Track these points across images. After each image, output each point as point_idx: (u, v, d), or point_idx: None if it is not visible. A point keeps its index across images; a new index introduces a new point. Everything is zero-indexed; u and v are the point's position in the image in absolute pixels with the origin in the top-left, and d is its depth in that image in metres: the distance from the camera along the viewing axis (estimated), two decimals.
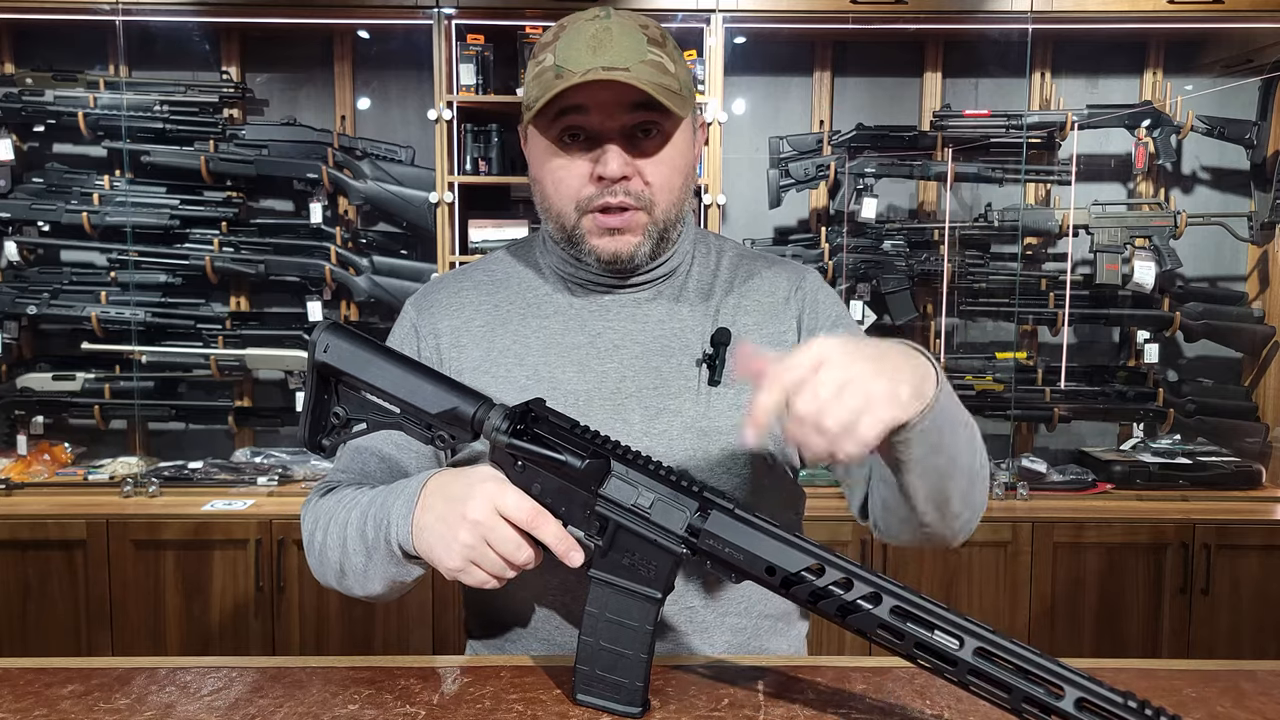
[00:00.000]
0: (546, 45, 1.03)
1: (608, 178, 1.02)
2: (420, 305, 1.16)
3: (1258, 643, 2.52)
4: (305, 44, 2.95)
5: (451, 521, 0.89)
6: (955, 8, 2.67)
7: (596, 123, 1.01)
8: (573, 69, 0.98)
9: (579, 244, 1.07)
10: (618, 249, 1.06)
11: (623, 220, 1.04)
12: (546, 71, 1.00)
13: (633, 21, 1.03)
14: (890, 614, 0.78)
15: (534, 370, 1.09)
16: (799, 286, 1.15)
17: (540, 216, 1.12)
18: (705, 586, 1.09)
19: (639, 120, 1.02)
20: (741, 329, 1.11)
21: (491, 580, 0.90)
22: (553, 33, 1.03)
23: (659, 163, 1.04)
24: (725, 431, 1.08)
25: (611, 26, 1.00)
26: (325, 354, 0.94)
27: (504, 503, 0.87)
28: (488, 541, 0.88)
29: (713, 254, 1.18)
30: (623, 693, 0.86)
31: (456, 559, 0.89)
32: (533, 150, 1.08)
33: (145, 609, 2.51)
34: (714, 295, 1.14)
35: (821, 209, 2.98)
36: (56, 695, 0.91)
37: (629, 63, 0.98)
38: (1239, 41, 2.87)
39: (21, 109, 2.75)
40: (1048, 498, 2.70)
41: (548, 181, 1.06)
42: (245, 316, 2.91)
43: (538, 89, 1.01)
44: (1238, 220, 2.88)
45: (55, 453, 2.85)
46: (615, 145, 1.01)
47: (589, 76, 0.97)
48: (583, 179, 1.03)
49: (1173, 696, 0.91)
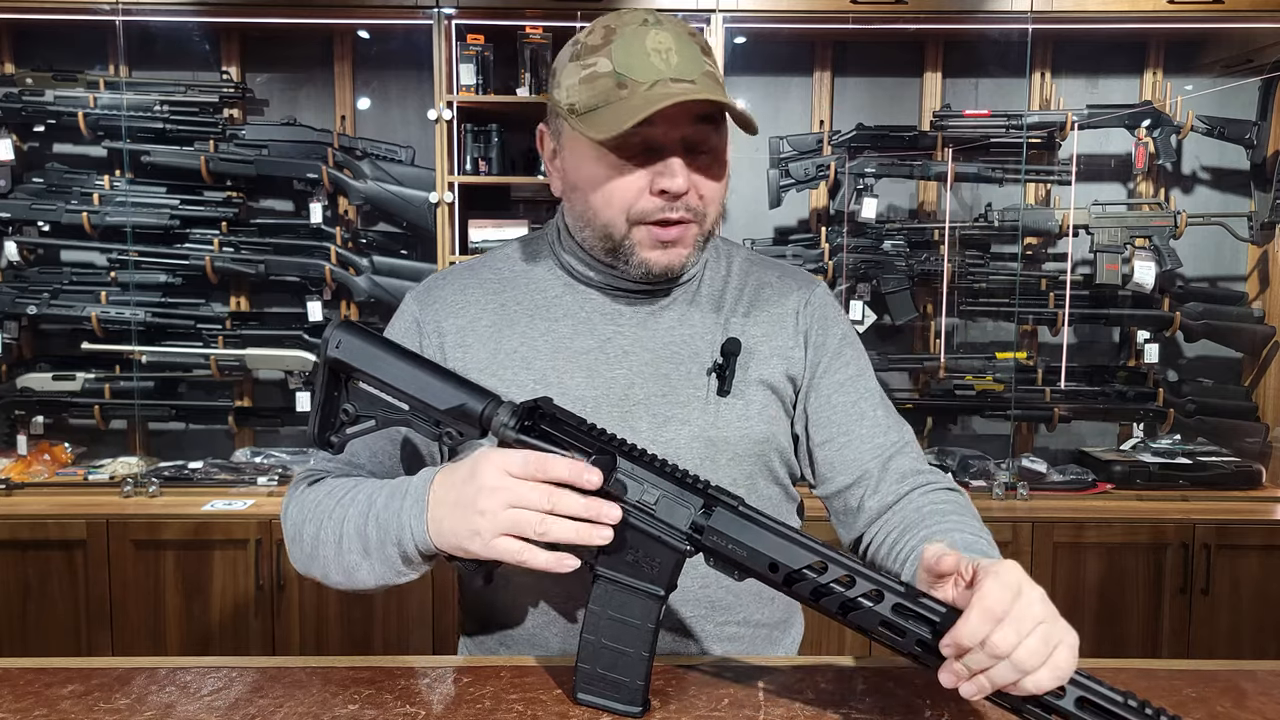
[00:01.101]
0: (596, 49, 0.99)
1: (672, 192, 0.99)
2: (424, 300, 1.13)
3: (1258, 643, 2.52)
4: (305, 44, 2.95)
5: (467, 502, 0.87)
6: (955, 8, 2.67)
7: (661, 134, 0.98)
8: (639, 79, 0.96)
9: (627, 255, 1.04)
10: (670, 261, 1.04)
11: (678, 233, 1.03)
12: (603, 78, 0.97)
13: (684, 30, 1.00)
14: (892, 611, 0.79)
15: (541, 375, 1.08)
16: (808, 301, 1.15)
17: (570, 220, 1.09)
18: (698, 597, 1.09)
19: (698, 132, 1.00)
20: (751, 340, 1.11)
21: (527, 549, 0.85)
22: (600, 35, 1.00)
23: (713, 176, 1.03)
24: (733, 442, 1.07)
25: (668, 35, 0.98)
26: (338, 350, 0.94)
27: (510, 462, 0.85)
28: (511, 504, 0.84)
29: (723, 260, 1.17)
30: (623, 692, 0.86)
31: (485, 534, 0.85)
32: (577, 157, 1.03)
33: (145, 609, 2.51)
34: (725, 304, 1.13)
35: (821, 209, 2.98)
36: (56, 695, 0.91)
37: (694, 74, 0.97)
38: (1239, 41, 2.87)
39: (21, 109, 2.75)
40: (1048, 498, 2.70)
41: (596, 191, 1.02)
42: (245, 316, 2.91)
43: (591, 95, 0.98)
44: (1238, 220, 2.88)
45: (55, 453, 2.85)
46: (678, 159, 0.99)
47: (668, 92, 0.95)
48: (639, 191, 1.00)
49: (1173, 696, 0.91)
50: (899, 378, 3.02)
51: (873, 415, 1.12)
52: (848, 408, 1.12)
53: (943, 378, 2.91)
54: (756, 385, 1.10)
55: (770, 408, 1.10)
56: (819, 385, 1.13)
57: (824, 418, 1.12)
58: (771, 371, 1.11)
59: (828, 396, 1.12)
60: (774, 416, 1.11)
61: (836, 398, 1.12)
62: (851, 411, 1.12)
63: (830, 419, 1.12)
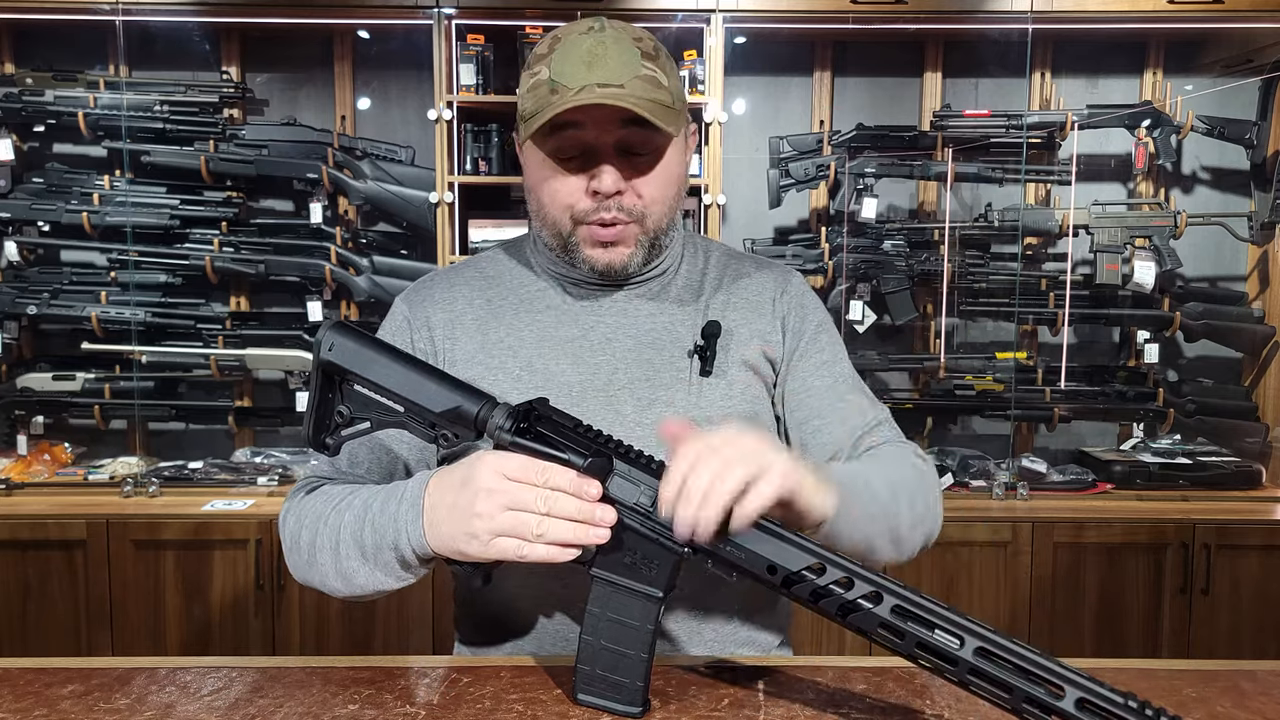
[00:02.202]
0: (542, 58, 1.04)
1: (601, 193, 1.04)
2: (412, 300, 1.17)
3: (1258, 643, 2.52)
4: (305, 44, 2.95)
5: (463, 505, 0.87)
6: (955, 8, 2.67)
7: (591, 137, 1.03)
8: (568, 84, 1.00)
9: (574, 252, 1.09)
10: (610, 260, 1.08)
11: (615, 233, 1.07)
12: (541, 85, 1.02)
13: (627, 35, 1.04)
14: (891, 613, 0.79)
15: (528, 362, 1.10)
16: (785, 290, 1.18)
17: (533, 221, 1.14)
18: (698, 597, 1.09)
19: (633, 134, 1.03)
20: (730, 324, 1.14)
21: (525, 545, 0.85)
22: (547, 44, 1.04)
23: (651, 176, 1.07)
24: (717, 422, 1.09)
25: (606, 41, 1.02)
26: (330, 352, 0.94)
27: (507, 466, 0.86)
28: (508, 507, 0.85)
29: (700, 255, 1.21)
30: (623, 692, 0.87)
31: (482, 536, 0.86)
32: (528, 160, 1.10)
33: (145, 609, 2.51)
34: (703, 293, 1.16)
35: (821, 209, 2.98)
36: (56, 695, 0.91)
37: (623, 79, 1.00)
38: (1239, 41, 2.87)
39: (21, 109, 2.75)
40: (1048, 498, 2.70)
41: (543, 192, 1.08)
42: (245, 316, 2.90)
43: (533, 102, 1.03)
44: (1238, 220, 2.88)
45: (55, 453, 2.85)
46: (609, 163, 1.03)
47: (583, 96, 0.98)
48: (577, 192, 1.05)
49: (1173, 696, 0.92)
50: (899, 378, 3.02)
51: (848, 398, 1.15)
52: (824, 391, 1.15)
53: (943, 378, 2.91)
54: (738, 366, 1.12)
55: (753, 388, 1.13)
56: (796, 369, 1.15)
57: (801, 400, 1.15)
58: (752, 352, 1.14)
59: (804, 380, 1.15)
60: (757, 396, 1.13)
61: (814, 381, 1.15)
62: (828, 394, 1.15)
63: (806, 402, 1.14)
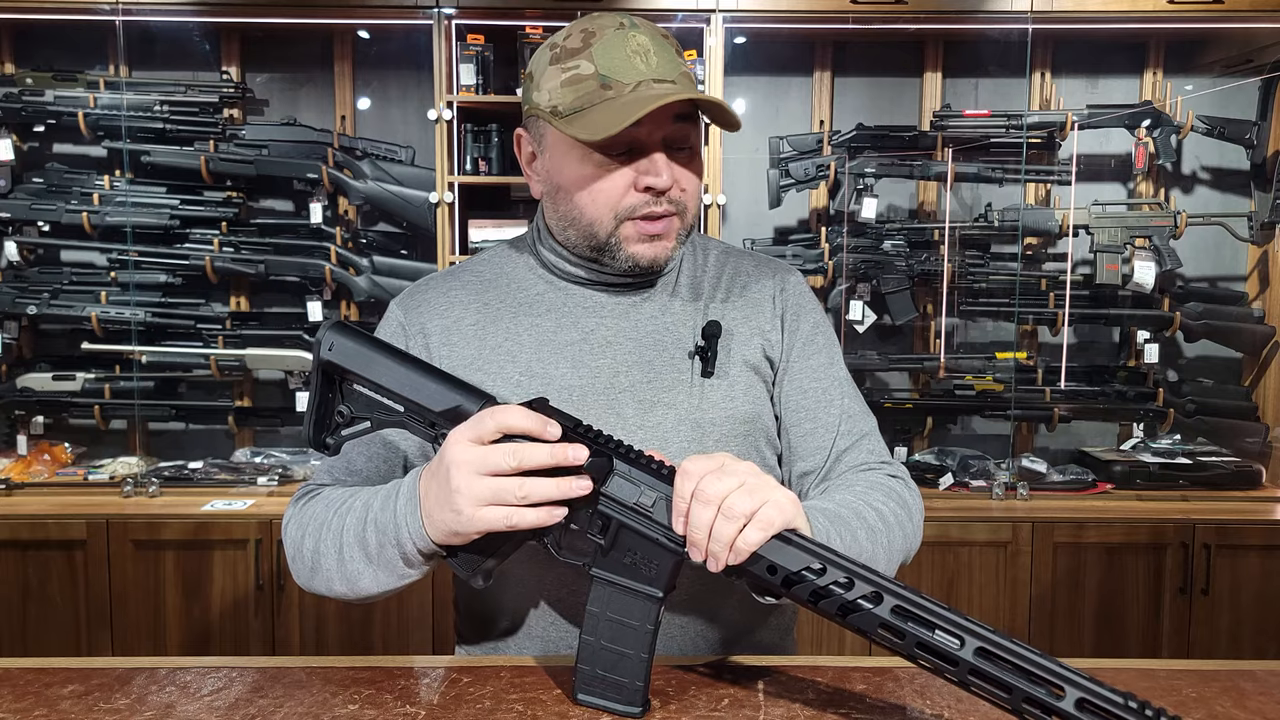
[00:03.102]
0: (576, 52, 1.02)
1: (658, 188, 1.03)
2: (407, 305, 1.16)
3: (1258, 643, 2.52)
4: (305, 44, 2.95)
5: (442, 484, 0.88)
6: (955, 8, 2.67)
7: (645, 134, 1.02)
8: (623, 79, 1.00)
9: (614, 251, 1.07)
10: (656, 254, 1.08)
11: (663, 227, 1.07)
12: (586, 80, 1.01)
13: (655, 31, 1.05)
14: (891, 613, 0.79)
15: (527, 366, 1.09)
16: (783, 288, 1.19)
17: (552, 220, 1.11)
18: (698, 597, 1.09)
19: (679, 129, 1.04)
20: (730, 323, 1.14)
21: (515, 512, 0.85)
22: (580, 38, 1.03)
23: (692, 170, 1.08)
24: (719, 423, 1.09)
25: (644, 36, 1.02)
26: (330, 352, 0.94)
27: (467, 432, 0.87)
28: (480, 472, 0.85)
29: (699, 253, 1.21)
30: (623, 692, 0.87)
31: (466, 510, 0.86)
32: (558, 158, 1.07)
33: (145, 609, 2.51)
34: (703, 292, 1.16)
35: (821, 209, 2.98)
36: (56, 695, 0.91)
37: (674, 75, 1.02)
38: (1239, 41, 2.87)
39: (21, 109, 2.75)
40: (1048, 498, 2.70)
41: (582, 190, 1.05)
42: (245, 316, 2.90)
43: (575, 97, 1.01)
44: (1238, 220, 2.88)
45: (55, 453, 2.85)
46: (662, 155, 1.03)
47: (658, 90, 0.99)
48: (625, 188, 1.04)
49: (1173, 696, 0.92)
50: (899, 378, 3.02)
51: (840, 404, 1.15)
52: (818, 394, 1.15)
53: (943, 378, 2.91)
54: (739, 365, 1.13)
55: (754, 387, 1.13)
56: (792, 369, 1.16)
57: (794, 401, 1.15)
58: (752, 352, 1.14)
59: (799, 381, 1.15)
60: (758, 396, 1.13)
61: (808, 383, 1.15)
62: (821, 398, 1.15)
63: (799, 403, 1.15)
